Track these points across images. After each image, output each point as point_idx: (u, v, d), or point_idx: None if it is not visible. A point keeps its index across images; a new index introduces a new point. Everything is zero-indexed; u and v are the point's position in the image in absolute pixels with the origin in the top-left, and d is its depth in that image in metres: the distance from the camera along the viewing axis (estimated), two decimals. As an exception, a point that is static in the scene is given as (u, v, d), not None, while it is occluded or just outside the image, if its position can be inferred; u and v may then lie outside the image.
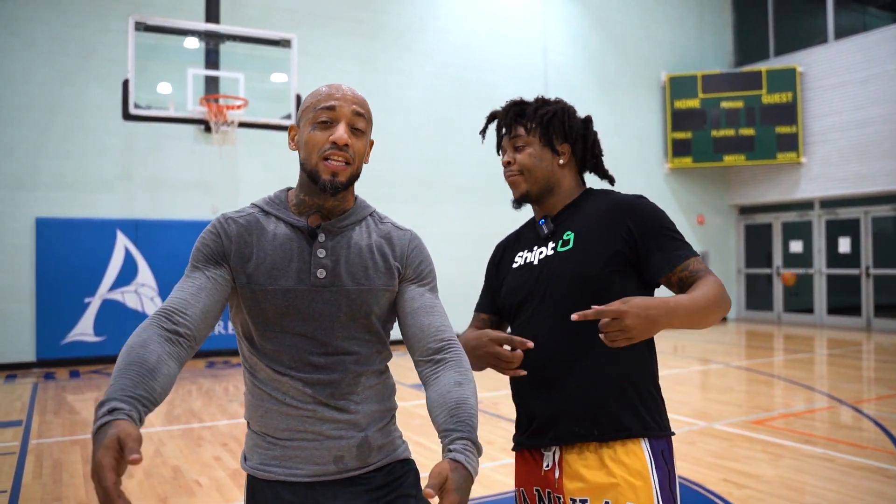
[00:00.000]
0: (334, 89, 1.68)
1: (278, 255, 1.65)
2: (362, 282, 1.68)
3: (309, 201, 1.70)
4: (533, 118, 2.02)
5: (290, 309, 1.63)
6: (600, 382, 1.85)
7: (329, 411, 1.64)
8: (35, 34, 10.15)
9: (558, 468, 1.88)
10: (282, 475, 1.65)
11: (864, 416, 6.65)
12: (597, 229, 1.90)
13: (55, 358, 10.10)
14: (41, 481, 4.95)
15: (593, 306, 1.62)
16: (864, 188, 13.86)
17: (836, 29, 14.66)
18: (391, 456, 1.75)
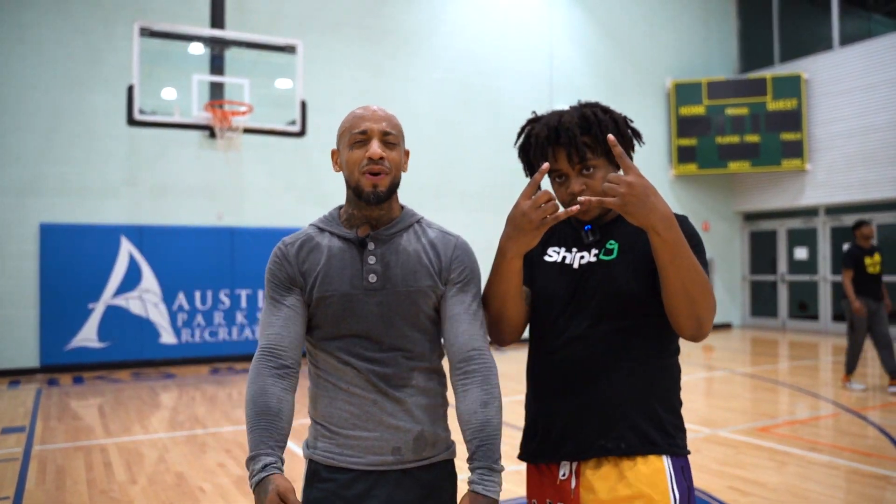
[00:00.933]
0: (364, 111, 1.86)
1: (333, 264, 1.83)
2: (411, 284, 1.83)
3: (358, 214, 1.87)
4: (600, 137, 1.85)
5: (346, 311, 1.80)
6: (630, 394, 1.81)
7: (387, 404, 1.79)
8: (41, 40, 10.18)
9: (575, 478, 1.83)
10: (343, 462, 1.78)
11: (870, 424, 6.62)
12: (638, 244, 1.84)
13: (59, 364, 10.10)
14: (44, 488, 4.94)
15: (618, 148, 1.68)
16: (869, 195, 13.82)
17: (841, 36, 14.65)
18: (444, 454, 1.90)
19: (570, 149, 1.83)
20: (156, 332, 10.67)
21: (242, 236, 11.16)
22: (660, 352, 1.86)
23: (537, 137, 1.90)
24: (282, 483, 1.63)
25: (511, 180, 13.69)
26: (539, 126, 1.91)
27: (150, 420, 7.17)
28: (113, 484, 5.02)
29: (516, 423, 1.99)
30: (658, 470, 1.78)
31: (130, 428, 6.79)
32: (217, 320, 11.03)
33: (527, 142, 1.96)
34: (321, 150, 11.87)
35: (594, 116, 1.87)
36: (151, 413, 7.52)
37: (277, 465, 1.67)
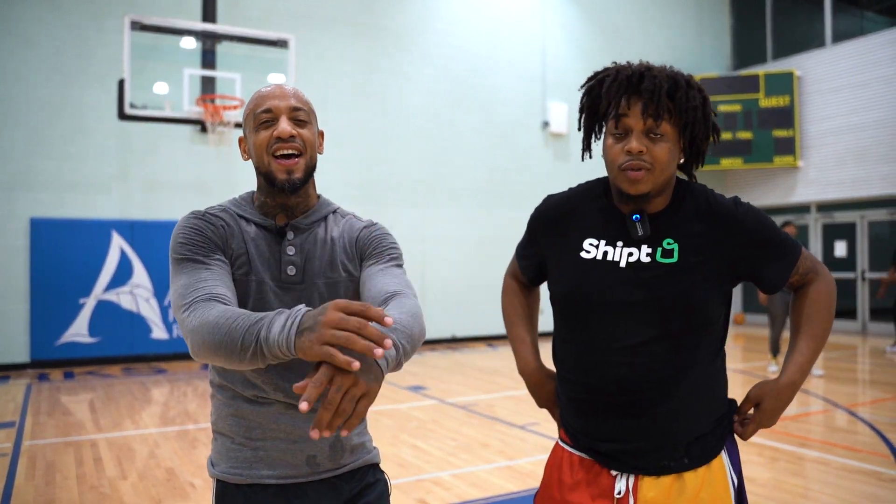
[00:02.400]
0: (270, 89, 1.67)
1: (250, 250, 1.64)
2: (329, 275, 1.69)
3: (272, 202, 1.69)
4: (684, 106, 1.63)
5: (258, 303, 1.61)
6: (693, 410, 1.67)
7: (298, 413, 1.59)
8: (31, 33, 10.12)
9: (633, 497, 1.67)
10: (254, 478, 1.61)
11: (860, 420, 6.65)
12: (703, 246, 1.65)
13: (49, 359, 10.06)
14: (34, 483, 4.92)
15: None
16: (860, 192, 13.88)
17: (833, 33, 14.69)
18: (364, 459, 1.74)
19: (649, 101, 1.60)
20: (147, 328, 10.63)
21: (234, 231, 11.09)
22: (717, 358, 1.74)
23: (617, 77, 1.67)
24: None
25: (504, 177, 13.77)
26: (623, 67, 1.70)
27: (140, 415, 7.15)
28: (103, 479, 5.01)
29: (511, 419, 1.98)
30: (720, 472, 1.70)
31: (121, 423, 6.76)
32: (209, 316, 10.98)
33: (598, 83, 1.71)
34: (313, 145, 11.86)
35: (685, 83, 1.65)
36: (142, 408, 7.50)
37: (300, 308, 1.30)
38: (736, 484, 1.70)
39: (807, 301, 1.73)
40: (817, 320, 1.72)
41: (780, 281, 1.71)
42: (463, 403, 7.52)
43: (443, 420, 6.78)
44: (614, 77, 1.68)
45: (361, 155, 12.32)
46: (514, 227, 13.46)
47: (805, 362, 1.70)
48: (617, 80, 1.67)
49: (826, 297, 1.73)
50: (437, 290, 12.84)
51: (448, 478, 4.98)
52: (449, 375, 9.43)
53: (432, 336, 12.79)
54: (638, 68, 1.67)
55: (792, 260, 1.70)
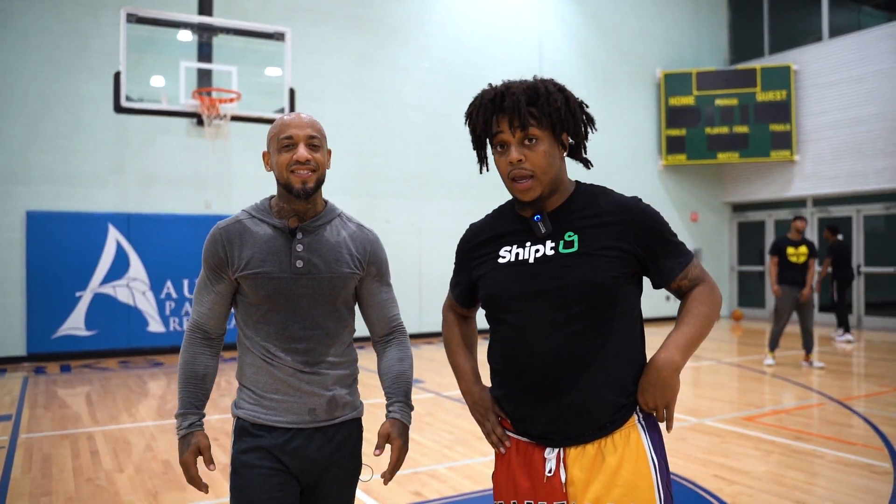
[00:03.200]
0: (290, 119, 2.11)
1: (265, 250, 2.09)
2: (333, 270, 2.12)
3: (287, 207, 2.14)
4: (547, 109, 1.79)
5: (274, 292, 2.07)
6: (607, 386, 1.79)
7: (304, 373, 2.10)
8: (27, 27, 10.09)
9: (564, 474, 1.81)
10: (267, 420, 2.09)
11: (854, 413, 6.67)
12: (602, 233, 1.80)
13: (46, 352, 10.06)
14: (30, 476, 4.93)
15: None
16: (856, 186, 13.90)
17: (830, 27, 14.69)
18: (351, 414, 2.21)
19: (514, 115, 1.78)
20: (143, 321, 10.63)
21: (231, 225, 11.09)
22: (631, 336, 1.86)
23: (483, 100, 1.85)
24: (202, 440, 2.10)
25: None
26: (487, 91, 1.86)
27: (137, 408, 7.16)
28: (100, 472, 5.01)
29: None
30: (638, 446, 1.80)
31: (118, 416, 6.77)
32: (205, 309, 10.99)
33: (472, 107, 1.89)
34: (310, 138, 11.84)
35: (544, 89, 1.81)
36: (139, 401, 7.50)
37: (200, 423, 2.13)
38: (657, 463, 1.79)
39: (691, 296, 1.87)
40: (697, 311, 1.84)
41: (670, 277, 1.86)
42: (459, 396, 7.54)
43: (439, 413, 6.80)
44: (479, 103, 1.86)
45: (358, 148, 12.31)
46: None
47: (684, 342, 1.79)
48: (482, 105, 1.85)
49: (708, 296, 1.87)
50: (433, 283, 12.85)
51: (444, 470, 4.99)
52: (445, 369, 9.45)
53: (428, 329, 12.80)
54: (500, 89, 1.84)
55: (683, 262, 1.86)
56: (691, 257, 1.87)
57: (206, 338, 2.19)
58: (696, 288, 1.87)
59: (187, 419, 2.11)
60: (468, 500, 4.40)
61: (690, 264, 1.87)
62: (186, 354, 2.17)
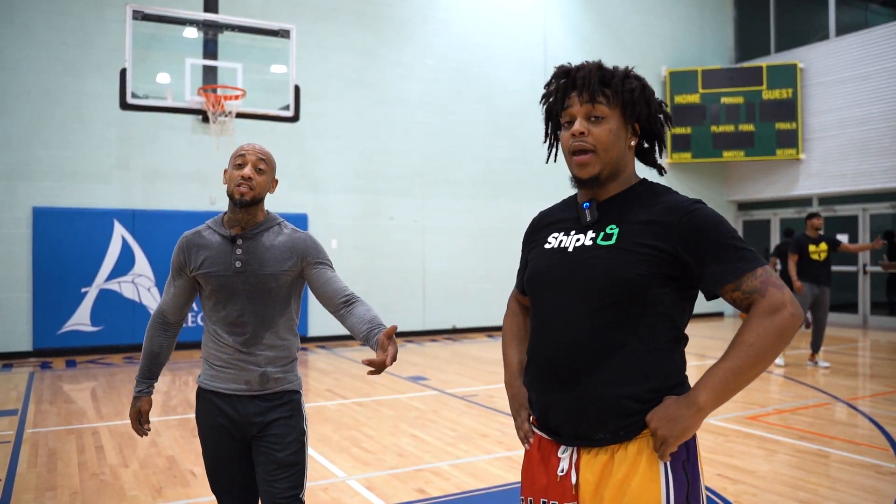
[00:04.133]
0: (246, 145, 2.62)
1: (213, 253, 2.60)
2: (266, 269, 2.57)
3: (233, 218, 2.62)
4: (620, 89, 1.79)
5: (220, 287, 2.57)
6: (619, 388, 1.71)
7: (241, 354, 2.58)
8: (33, 22, 10.10)
9: (575, 473, 1.77)
10: (214, 387, 2.62)
11: (860, 413, 6.66)
12: (644, 231, 1.73)
13: (52, 347, 10.09)
14: (36, 470, 4.95)
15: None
16: (862, 185, 13.86)
17: (837, 25, 14.63)
18: (284, 386, 2.64)
19: (583, 87, 1.79)
20: (148, 317, 10.61)
21: (235, 221, 11.12)
22: (660, 342, 1.75)
23: (557, 79, 1.87)
24: (144, 404, 2.76)
25: (503, 167, 13.74)
26: (559, 71, 1.87)
27: (142, 404, 7.16)
28: (104, 467, 5.03)
29: (509, 410, 1.97)
30: (652, 462, 1.70)
31: (122, 412, 6.79)
32: (210, 305, 11.01)
33: (547, 88, 1.91)
34: (314, 135, 11.83)
35: (622, 73, 1.83)
36: (143, 397, 7.51)
37: (149, 390, 2.77)
38: (671, 483, 1.69)
39: (746, 320, 1.67)
40: (742, 341, 1.65)
41: (718, 284, 1.69)
42: (462, 394, 7.54)
43: (442, 410, 6.80)
44: (555, 79, 1.88)
45: (361, 145, 12.31)
46: (514, 217, 13.47)
47: (720, 382, 1.63)
48: (557, 80, 1.87)
49: (762, 319, 1.64)
50: (436, 281, 12.85)
51: (447, 468, 5.00)
52: (449, 366, 9.45)
53: (432, 327, 12.81)
54: (574, 67, 1.86)
55: (738, 269, 1.67)
56: (753, 266, 1.67)
57: (165, 322, 2.74)
58: (755, 307, 1.66)
59: (140, 385, 2.75)
60: (471, 498, 4.40)
61: (748, 273, 1.67)
62: (148, 334, 2.75)
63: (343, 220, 12.13)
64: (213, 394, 2.62)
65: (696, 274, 1.71)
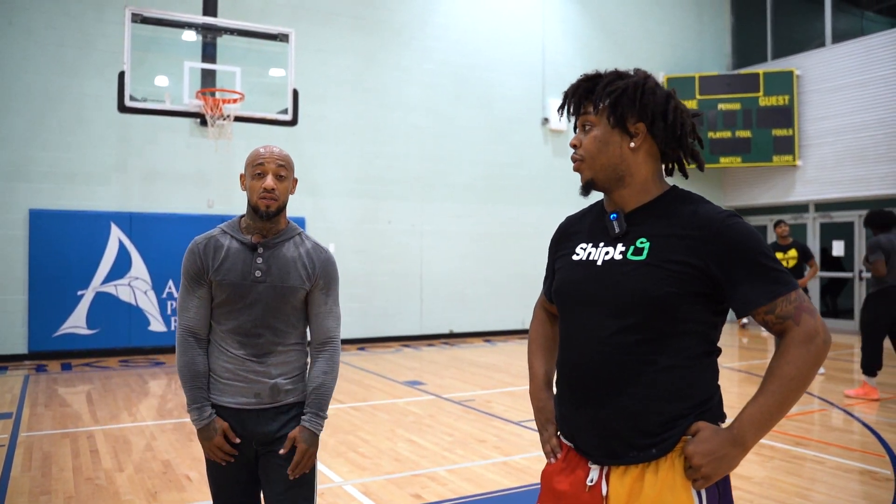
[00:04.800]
0: (264, 151, 2.50)
1: (230, 260, 2.49)
2: (285, 281, 2.49)
3: (253, 225, 2.53)
4: (602, 94, 1.77)
5: (236, 295, 2.47)
6: (648, 406, 1.68)
7: (252, 363, 2.48)
8: (32, 24, 10.10)
9: (605, 484, 1.73)
10: (221, 402, 2.50)
11: (855, 420, 6.67)
12: (676, 246, 1.68)
13: (47, 350, 10.06)
14: (30, 474, 4.93)
15: None
16: (858, 192, 13.89)
17: (833, 33, 14.68)
18: (296, 398, 2.55)
19: (570, 101, 1.84)
20: (145, 320, 10.64)
21: (233, 225, 11.11)
22: (691, 360, 1.71)
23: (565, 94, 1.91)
24: (222, 423, 2.47)
25: (502, 172, 13.75)
26: None
27: (137, 408, 7.16)
28: (99, 471, 5.02)
29: (507, 415, 1.98)
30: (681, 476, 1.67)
31: (118, 415, 6.77)
32: (206, 309, 10.99)
33: None
34: (313, 139, 11.83)
35: (615, 77, 1.81)
36: (139, 401, 7.50)
37: (214, 412, 2.49)
38: (704, 498, 1.67)
39: (781, 350, 1.64)
40: (781, 374, 1.62)
41: (749, 307, 1.65)
42: (459, 399, 7.53)
43: (439, 415, 6.80)
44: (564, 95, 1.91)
45: (360, 149, 12.31)
46: (513, 222, 13.48)
47: (761, 419, 1.61)
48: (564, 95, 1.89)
49: (800, 349, 1.61)
50: (434, 286, 12.85)
51: (443, 473, 4.99)
52: (446, 371, 9.45)
53: (430, 331, 12.81)
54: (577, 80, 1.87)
55: (771, 292, 1.63)
56: (787, 290, 1.64)
57: (198, 339, 2.52)
58: (786, 336, 1.64)
59: (205, 410, 2.48)
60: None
61: (782, 297, 1.63)
62: (185, 357, 2.50)
63: (341, 223, 12.13)
64: (219, 409, 2.50)
65: (727, 293, 1.66)
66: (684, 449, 1.64)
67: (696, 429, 1.65)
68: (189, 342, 2.51)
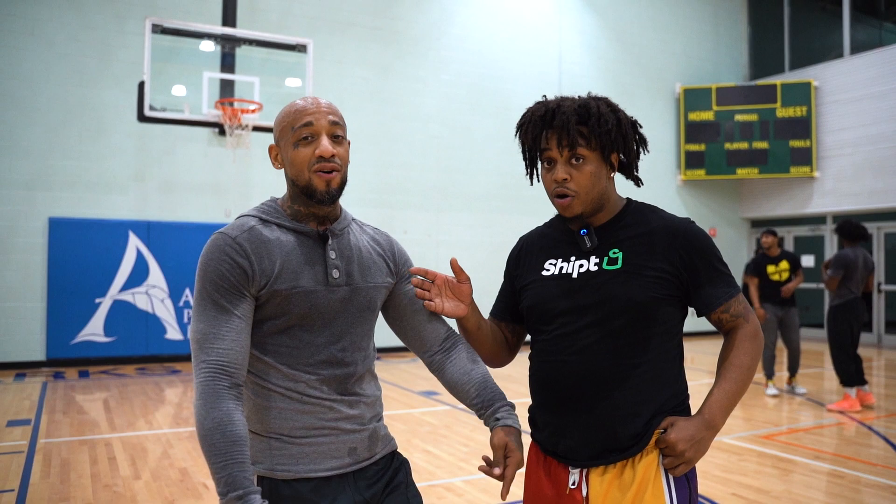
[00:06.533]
0: (308, 104, 1.74)
1: (291, 260, 1.69)
2: (369, 280, 1.81)
3: (305, 211, 1.76)
4: (597, 130, 1.80)
5: (311, 309, 1.69)
6: (635, 407, 1.77)
7: (343, 406, 1.71)
8: (53, 35, 10.23)
9: (586, 485, 1.80)
10: (302, 473, 1.67)
11: (874, 433, 6.60)
12: (647, 252, 1.80)
13: (65, 357, 10.14)
14: (49, 481, 4.96)
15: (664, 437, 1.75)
16: (877, 204, 13.78)
17: (851, 44, 14.61)
18: (388, 446, 1.87)
19: (563, 134, 1.79)
20: (162, 328, 10.70)
21: (249, 234, 11.17)
22: (668, 358, 1.84)
23: (533, 115, 1.86)
24: None
25: (518, 182, 13.74)
26: (538, 107, 1.87)
27: (154, 415, 7.19)
28: (117, 478, 5.04)
29: (523, 426, 1.97)
30: (657, 480, 1.76)
31: (135, 423, 6.81)
32: (222, 317, 11.04)
33: (524, 120, 1.89)
34: (329, 149, 11.89)
35: (596, 108, 1.82)
36: (156, 408, 7.54)
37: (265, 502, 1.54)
38: (673, 492, 1.76)
39: (734, 344, 1.85)
40: (739, 363, 1.82)
41: (712, 306, 1.82)
42: (475, 409, 7.52)
43: (455, 426, 6.79)
44: (530, 118, 1.86)
45: (376, 159, 12.35)
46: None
47: (727, 402, 1.79)
48: (532, 120, 1.85)
49: (750, 343, 1.84)
50: (450, 296, 12.83)
51: (460, 483, 4.98)
52: (461, 381, 9.43)
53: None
54: (551, 105, 1.84)
55: (728, 293, 1.83)
56: (737, 291, 1.84)
57: (234, 385, 1.60)
58: (739, 332, 1.85)
59: (254, 499, 1.50)
60: (484, 514, 4.38)
61: (735, 298, 1.84)
62: (216, 413, 1.54)
63: (356, 233, 12.15)
64: (299, 483, 1.67)
65: (691, 293, 1.83)
66: (665, 438, 1.74)
67: (670, 421, 1.77)
68: (221, 389, 1.57)
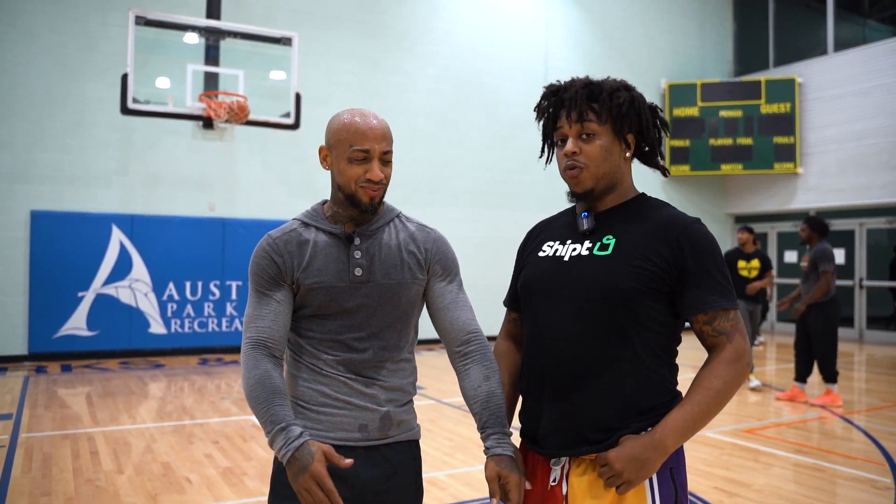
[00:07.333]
0: (366, 126, 1.91)
1: (320, 258, 1.93)
2: (393, 277, 1.95)
3: (343, 213, 1.97)
4: (608, 104, 1.79)
5: (332, 302, 1.91)
6: (610, 400, 1.71)
7: (357, 384, 1.90)
8: (35, 26, 10.12)
9: (565, 483, 1.76)
10: (313, 437, 1.86)
11: (855, 427, 6.66)
12: (641, 244, 1.74)
13: (47, 352, 10.06)
14: (30, 475, 4.93)
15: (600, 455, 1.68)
16: (859, 200, 13.90)
17: (835, 41, 14.71)
18: (408, 434, 1.99)
19: (571, 107, 1.80)
20: (145, 322, 10.64)
21: (234, 228, 11.13)
22: (653, 357, 1.75)
23: (548, 97, 1.89)
24: (323, 445, 1.73)
25: (505, 177, 13.77)
26: (552, 85, 1.90)
27: (137, 410, 7.16)
28: (99, 473, 5.01)
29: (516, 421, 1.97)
30: None
31: (118, 417, 6.77)
32: (207, 311, 11.01)
33: (539, 100, 1.93)
34: (315, 143, 11.83)
35: (609, 87, 1.82)
36: (139, 403, 7.50)
37: (307, 432, 1.79)
38: (656, 491, 1.71)
39: (710, 365, 1.72)
40: (708, 385, 1.69)
41: (692, 310, 1.72)
42: (459, 404, 7.52)
43: (440, 420, 6.80)
44: (546, 97, 1.90)
45: (362, 153, 12.31)
46: (516, 227, 13.45)
47: (684, 425, 1.66)
48: (547, 100, 1.89)
49: (727, 367, 1.70)
50: (435, 290, 12.83)
51: (444, 478, 4.99)
52: (446, 375, 9.43)
53: (431, 336, 12.74)
54: (564, 84, 1.86)
55: (715, 303, 1.71)
56: (729, 306, 1.72)
57: (271, 355, 1.87)
58: (718, 353, 1.72)
59: (293, 430, 1.74)
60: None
61: (723, 312, 1.72)
62: (257, 371, 1.83)
63: (341, 227, 12.13)
64: None
65: (677, 291, 1.74)
66: (605, 455, 1.67)
67: (622, 439, 1.69)
68: (261, 354, 1.86)
